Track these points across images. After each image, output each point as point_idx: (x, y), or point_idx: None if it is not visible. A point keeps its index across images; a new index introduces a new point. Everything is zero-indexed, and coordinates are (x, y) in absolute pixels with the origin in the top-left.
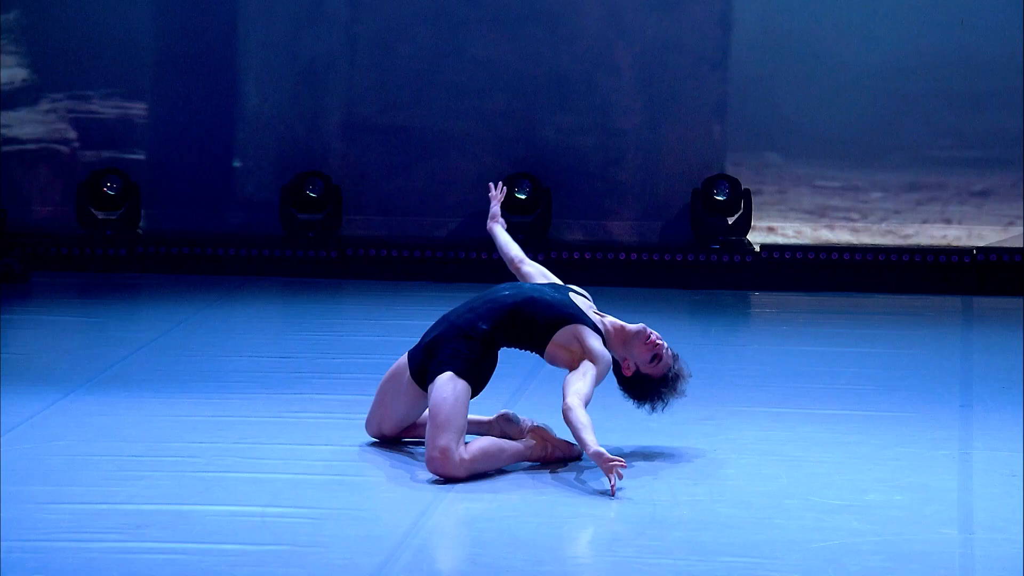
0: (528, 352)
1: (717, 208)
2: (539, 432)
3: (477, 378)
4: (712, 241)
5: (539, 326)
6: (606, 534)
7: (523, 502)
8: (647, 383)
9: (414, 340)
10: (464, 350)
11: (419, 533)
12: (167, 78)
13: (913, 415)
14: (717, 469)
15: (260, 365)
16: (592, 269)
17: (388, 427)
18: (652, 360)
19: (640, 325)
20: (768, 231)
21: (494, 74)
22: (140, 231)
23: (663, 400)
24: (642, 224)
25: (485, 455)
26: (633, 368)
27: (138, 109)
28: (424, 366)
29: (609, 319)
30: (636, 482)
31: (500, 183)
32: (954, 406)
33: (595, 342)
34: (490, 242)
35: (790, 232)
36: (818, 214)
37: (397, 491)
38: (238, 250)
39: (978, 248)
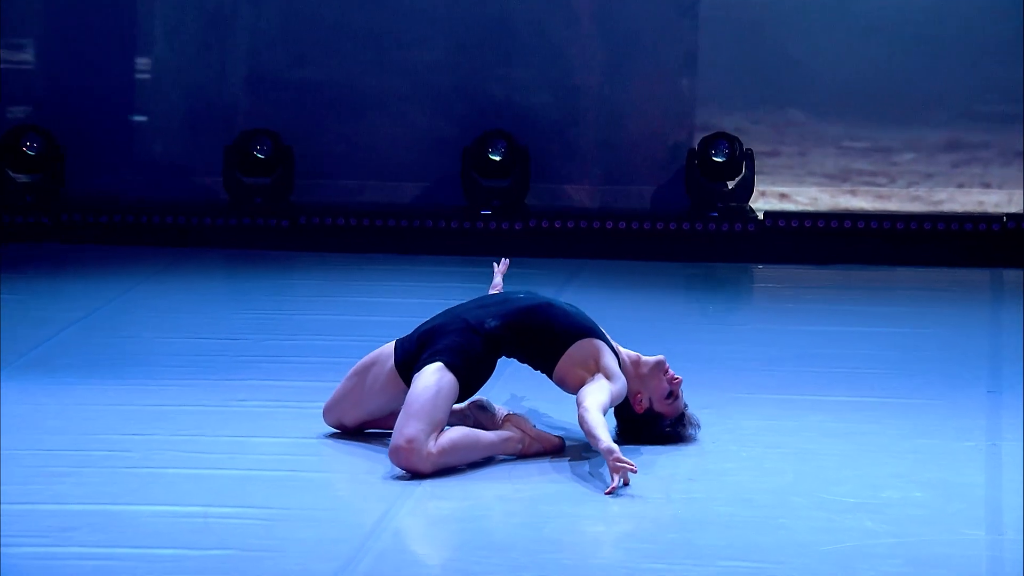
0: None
1: (715, 171)
2: (516, 422)
3: (469, 379)
4: (710, 208)
5: (555, 334)
6: (591, 536)
7: (499, 500)
8: (655, 424)
9: (376, 320)
10: (464, 344)
11: (382, 536)
12: (64, 26)
13: (935, 402)
14: (716, 463)
15: (202, 347)
16: (573, 239)
17: (352, 418)
18: (668, 396)
19: (659, 357)
20: (781, 198)
21: (429, 22)
22: (64, 196)
23: (675, 438)
24: (626, 189)
25: (456, 448)
26: (646, 404)
27: (40, 61)
28: (413, 356)
29: (624, 351)
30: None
31: (505, 260)
32: (981, 392)
33: (613, 362)
34: (460, 210)
35: (803, 199)
36: (840, 179)
37: (358, 488)
38: (176, 218)
39: (1008, 215)
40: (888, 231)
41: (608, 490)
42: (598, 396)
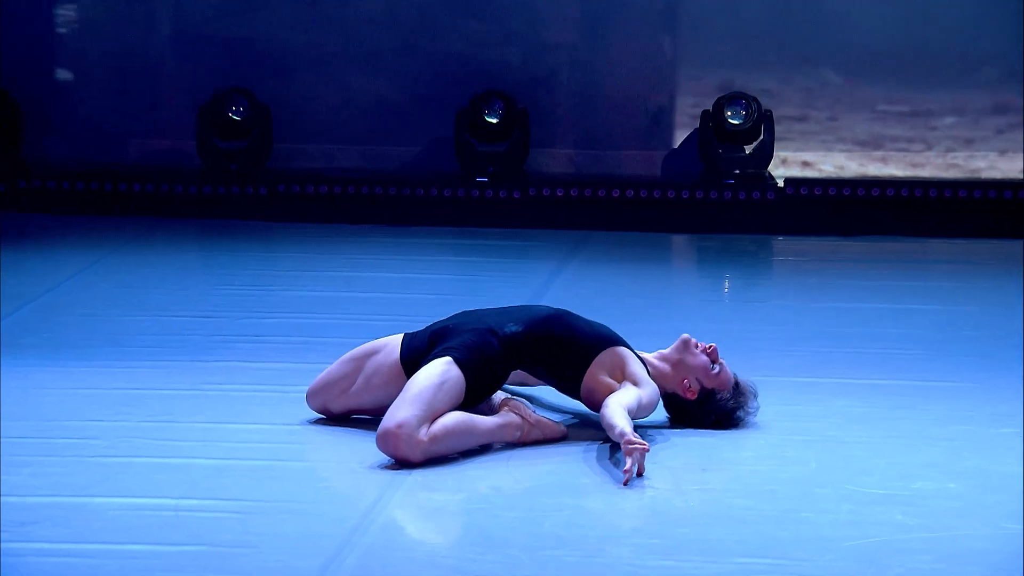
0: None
1: (731, 135)
2: (514, 407)
3: (477, 382)
4: (726, 175)
5: (579, 343)
6: (596, 531)
7: (495, 492)
8: (713, 403)
9: (362, 297)
10: (480, 345)
11: (369, 530)
12: None
13: (971, 385)
14: (732, 451)
15: (173, 326)
16: (577, 209)
17: (340, 406)
18: (713, 366)
19: (683, 336)
20: (803, 166)
21: None
22: (24, 161)
23: (742, 413)
24: (634, 155)
25: (450, 434)
26: (696, 387)
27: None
28: (422, 353)
29: (646, 354)
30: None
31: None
32: (1019, 375)
33: (641, 371)
34: (453, 177)
35: (829, 167)
36: (873, 145)
37: (343, 479)
38: (144, 185)
39: None
40: (921, 199)
41: (625, 480)
42: (623, 397)
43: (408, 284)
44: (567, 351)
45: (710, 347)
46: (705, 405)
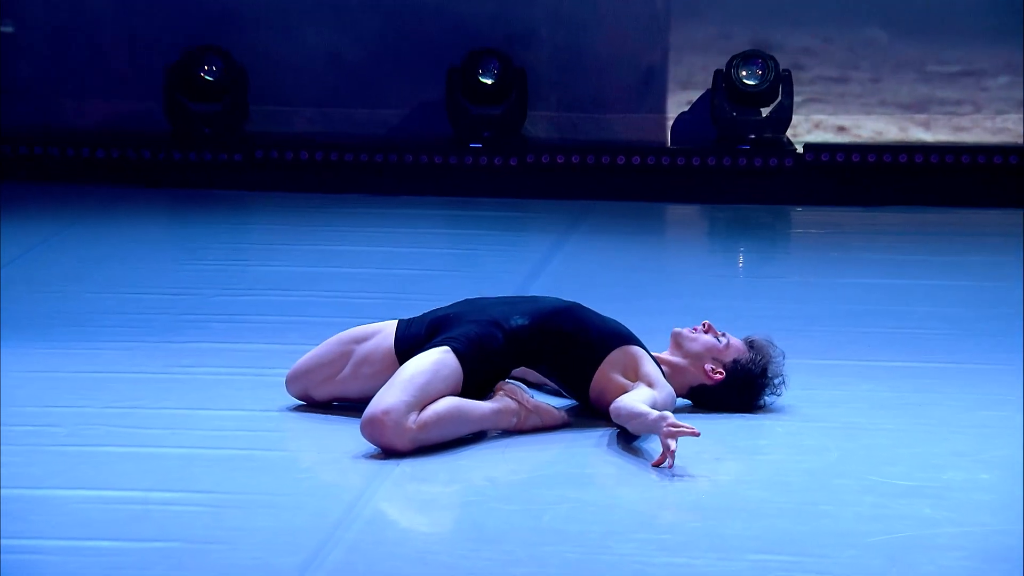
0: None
1: (746, 96)
2: (510, 391)
3: (477, 376)
4: (740, 140)
5: (590, 340)
6: (600, 525)
7: (491, 484)
8: (743, 371)
9: (345, 272)
10: (483, 337)
11: (353, 525)
12: None
13: (1005, 368)
14: (746, 439)
15: (141, 304)
16: (579, 177)
17: (323, 393)
18: (720, 340)
19: (672, 332)
20: (838, 131)
21: None
22: None
23: (774, 368)
24: (634, 119)
25: (441, 421)
26: (719, 368)
27: None
28: (419, 342)
29: (658, 355)
30: (641, 459)
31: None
32: None
33: (655, 371)
34: (445, 142)
35: (866, 132)
36: (917, 108)
37: (324, 469)
38: (109, 151)
39: None
40: (951, 166)
41: (669, 464)
42: (638, 395)
43: (396, 259)
44: (576, 347)
45: (704, 324)
46: (735, 380)
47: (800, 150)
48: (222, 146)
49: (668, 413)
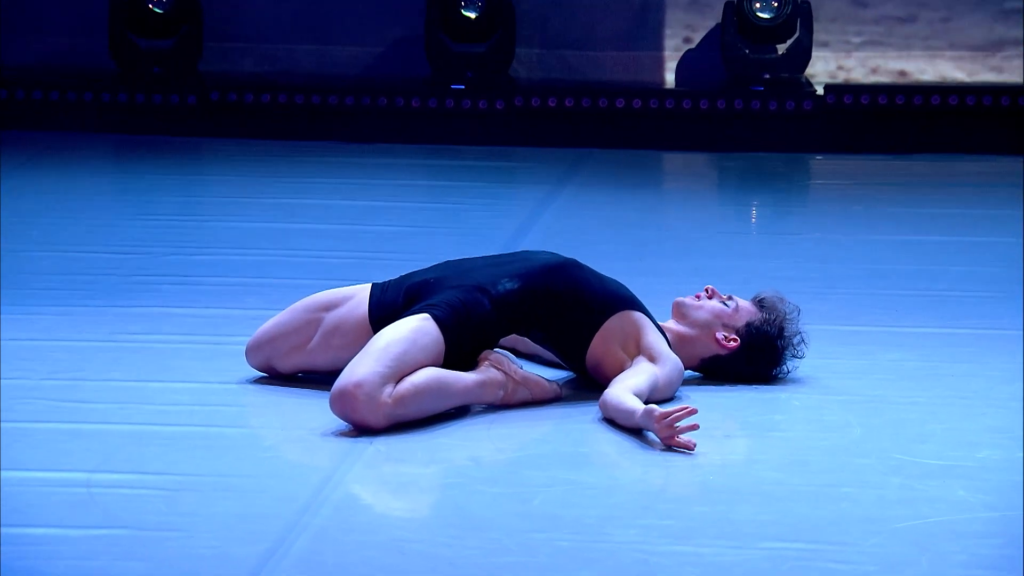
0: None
1: (760, 31)
2: (496, 361)
3: (461, 348)
4: (753, 80)
5: (586, 302)
6: (596, 510)
7: (474, 464)
8: (758, 334)
9: (311, 229)
10: (468, 304)
11: (321, 509)
12: None
13: None
14: (759, 414)
15: (84, 264)
16: (573, 122)
17: (288, 365)
18: (728, 304)
19: (674, 302)
20: (899, 75)
21: None
22: None
23: (791, 327)
24: (634, 57)
25: (420, 394)
26: (732, 335)
27: None
28: (396, 311)
29: (665, 323)
30: (641, 436)
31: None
32: None
33: (659, 341)
34: (423, 84)
35: (929, 77)
36: (989, 49)
37: (289, 448)
38: (47, 92)
39: None
40: (986, 109)
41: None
42: (631, 380)
43: (370, 213)
44: (572, 310)
45: (707, 290)
46: (751, 346)
47: (820, 91)
48: (174, 87)
49: (654, 407)
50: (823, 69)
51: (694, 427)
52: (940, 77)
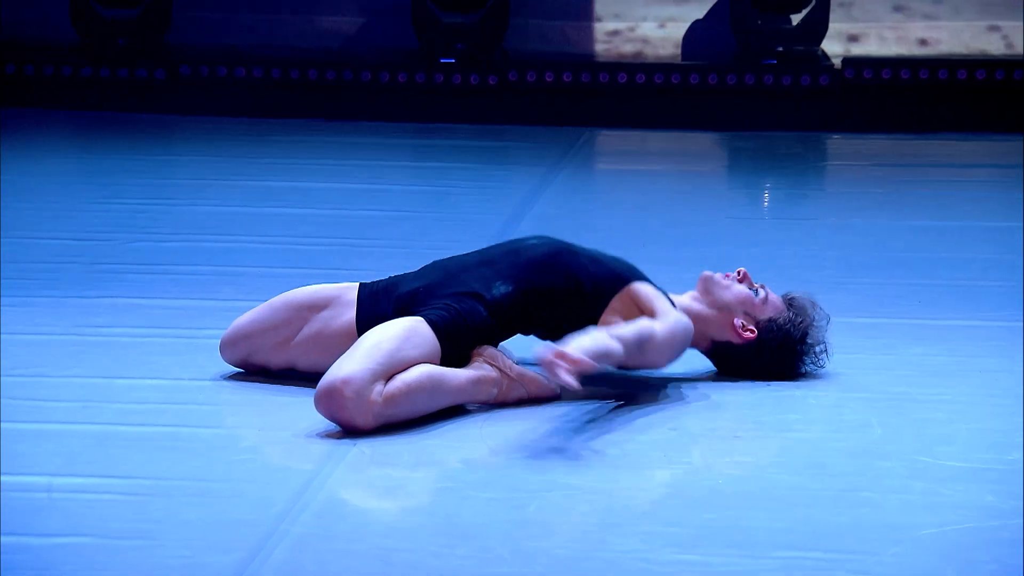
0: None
1: (772, 2)
2: (490, 356)
3: (453, 350)
4: (765, 54)
5: (584, 291)
6: (596, 516)
7: (467, 467)
8: (779, 332)
9: (288, 213)
10: (463, 313)
11: (301, 516)
12: None
13: None
14: (772, 414)
15: (44, 251)
16: (571, 99)
17: (265, 362)
18: (757, 293)
19: (702, 275)
20: (921, 44)
21: None
22: None
23: (816, 334)
24: (635, 28)
25: (411, 393)
26: (751, 324)
27: None
28: (386, 315)
29: (678, 297)
30: (646, 436)
31: None
32: None
33: (664, 303)
34: (410, 57)
35: (955, 48)
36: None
37: (268, 450)
38: (4, 65)
39: None
40: (1016, 83)
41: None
42: (615, 329)
43: (353, 197)
44: (570, 305)
45: (739, 272)
46: (767, 343)
47: (838, 65)
48: (140, 60)
49: (556, 346)
50: (841, 41)
51: (583, 366)
52: (968, 49)
